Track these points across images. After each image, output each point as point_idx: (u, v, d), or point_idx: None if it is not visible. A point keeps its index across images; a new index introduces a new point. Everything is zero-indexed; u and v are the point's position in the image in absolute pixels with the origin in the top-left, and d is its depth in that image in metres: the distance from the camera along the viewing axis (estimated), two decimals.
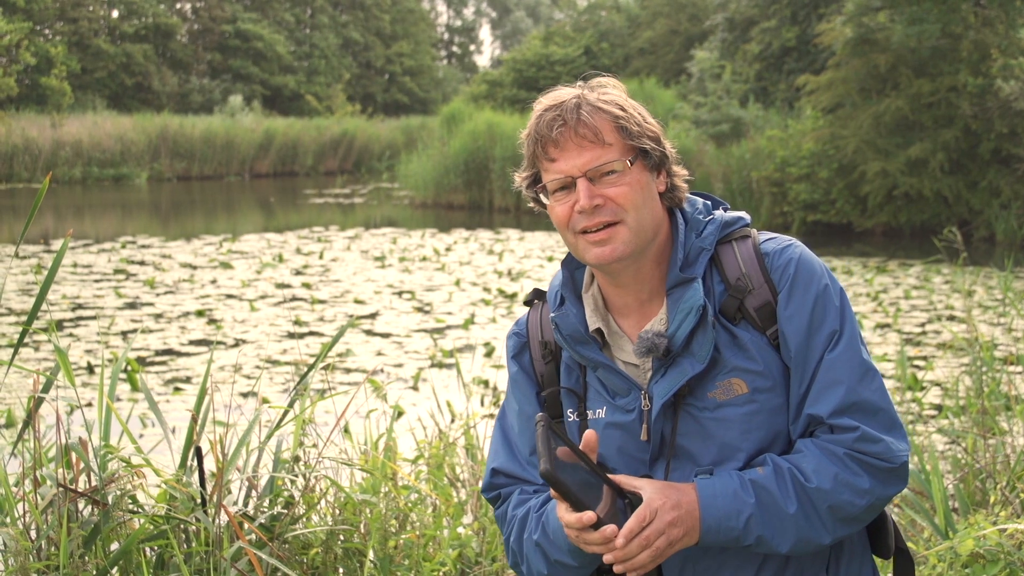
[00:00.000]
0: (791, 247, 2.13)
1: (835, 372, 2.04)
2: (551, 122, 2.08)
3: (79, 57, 50.13)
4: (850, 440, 2.01)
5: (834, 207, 21.31)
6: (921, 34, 19.88)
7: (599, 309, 2.20)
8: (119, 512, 3.48)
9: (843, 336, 2.06)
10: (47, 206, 28.11)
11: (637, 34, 44.47)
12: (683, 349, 2.08)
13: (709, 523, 1.98)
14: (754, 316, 2.09)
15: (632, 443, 2.11)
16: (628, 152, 2.09)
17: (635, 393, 2.12)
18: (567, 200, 2.10)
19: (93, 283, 15.07)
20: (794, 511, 1.99)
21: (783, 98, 28.50)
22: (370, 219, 25.97)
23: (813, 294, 2.07)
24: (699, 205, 2.21)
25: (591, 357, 2.14)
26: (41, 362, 9.93)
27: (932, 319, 12.33)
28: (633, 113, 2.11)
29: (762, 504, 1.99)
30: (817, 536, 2.02)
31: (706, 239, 2.14)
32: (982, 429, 5.24)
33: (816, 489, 2.00)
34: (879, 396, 2.05)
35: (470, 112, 31.09)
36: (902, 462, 2.04)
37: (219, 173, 41.50)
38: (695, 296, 2.07)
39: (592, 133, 2.07)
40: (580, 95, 2.11)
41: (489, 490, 2.30)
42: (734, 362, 2.07)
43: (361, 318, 12.53)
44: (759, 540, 2.00)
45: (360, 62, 65.79)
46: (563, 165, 2.09)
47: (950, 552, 3.33)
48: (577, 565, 2.10)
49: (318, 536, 3.74)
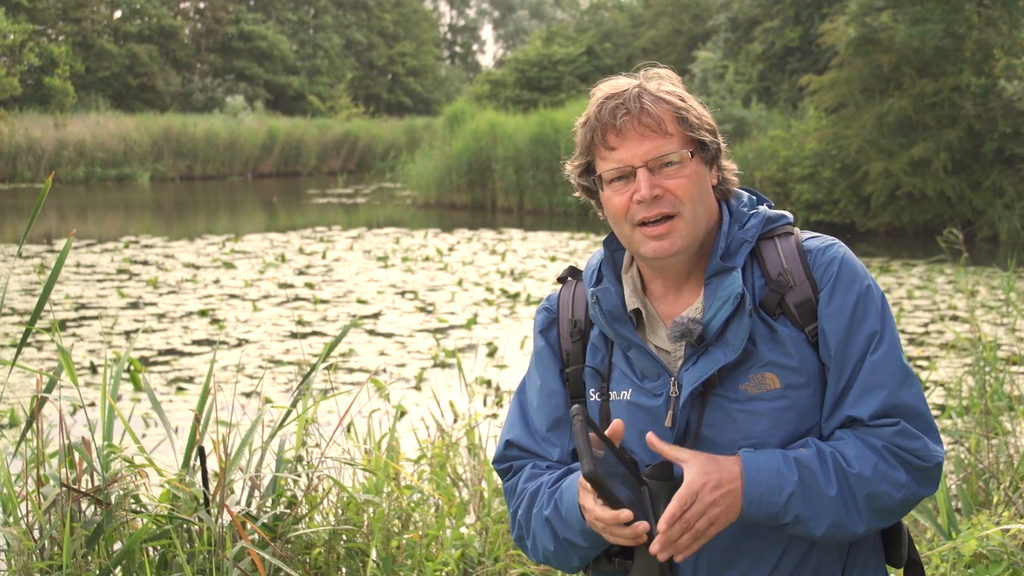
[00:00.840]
0: (835, 246, 2.13)
1: (877, 375, 2.03)
2: (614, 110, 2.06)
3: (83, 57, 50.19)
4: (890, 434, 2.02)
5: (837, 207, 21.30)
6: (924, 34, 19.87)
7: (637, 291, 2.18)
8: (122, 512, 3.48)
9: (884, 338, 2.06)
10: (50, 206, 28.13)
11: (640, 34, 44.45)
12: (717, 338, 2.06)
13: (751, 496, 1.97)
14: (794, 312, 2.08)
15: (656, 428, 2.08)
16: (688, 144, 2.08)
17: (664, 378, 2.10)
18: (625, 191, 2.08)
19: (96, 283, 15.08)
20: (834, 494, 1.98)
21: (786, 98, 28.47)
22: (373, 219, 25.97)
23: (855, 294, 2.07)
24: (744, 198, 2.21)
25: (627, 336, 2.12)
26: (44, 362, 9.93)
27: (935, 319, 12.32)
28: (693, 105, 2.11)
29: (804, 483, 1.98)
30: (852, 523, 2.01)
31: (749, 231, 2.14)
32: (985, 429, 5.24)
33: (857, 475, 1.99)
34: (918, 400, 2.06)
35: (472, 112, 31.10)
36: (937, 462, 2.04)
37: (222, 173, 41.54)
38: (734, 284, 2.06)
39: (655, 122, 2.05)
40: (640, 84, 2.10)
41: (501, 461, 2.29)
42: (769, 356, 2.06)
43: (364, 318, 12.53)
44: (797, 519, 1.98)
45: (363, 62, 65.80)
46: (623, 154, 2.07)
47: (953, 552, 3.33)
48: (587, 546, 2.09)
49: (321, 536, 3.74)
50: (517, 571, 4.04)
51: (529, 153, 26.50)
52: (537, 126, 26.80)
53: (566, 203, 25.43)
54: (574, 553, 2.12)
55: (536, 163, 26.41)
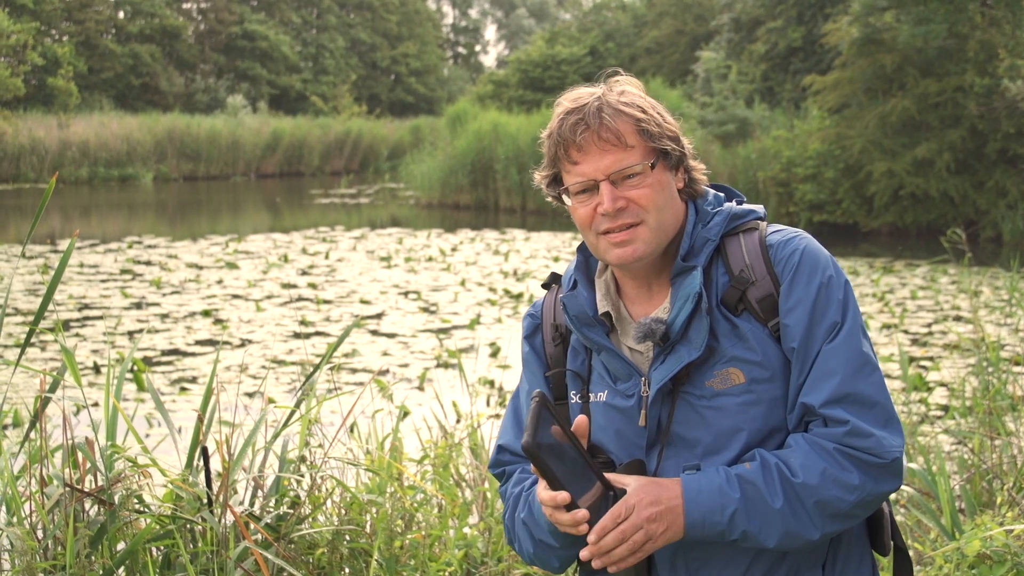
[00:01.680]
0: (796, 238, 2.13)
1: (831, 362, 2.03)
2: (574, 126, 2.09)
3: (86, 57, 50.22)
4: (840, 434, 2.00)
5: (840, 207, 21.29)
6: (928, 34, 19.85)
7: (610, 295, 2.22)
8: (125, 512, 3.48)
9: (843, 328, 2.05)
10: (54, 206, 28.16)
11: (643, 34, 44.48)
12: (681, 336, 2.09)
13: (693, 517, 1.99)
14: (756, 308, 2.09)
15: (630, 428, 2.13)
16: (649, 154, 2.11)
17: (635, 379, 2.13)
18: (589, 202, 2.12)
19: (99, 283, 15.10)
20: (780, 506, 1.99)
21: (789, 98, 28.47)
22: (376, 219, 25.98)
23: (816, 285, 2.07)
24: (711, 197, 2.23)
25: (595, 339, 2.16)
26: (48, 362, 9.95)
27: (938, 319, 12.31)
28: (653, 114, 2.12)
29: (747, 499, 1.99)
30: (805, 531, 2.01)
31: (711, 230, 2.16)
32: (988, 430, 5.23)
33: (803, 484, 1.99)
34: (875, 390, 2.03)
35: (475, 112, 31.10)
36: (894, 458, 2.02)
37: (225, 173, 41.57)
38: (692, 283, 2.09)
39: (614, 136, 2.08)
40: (601, 96, 2.12)
41: (495, 466, 2.34)
42: (732, 352, 2.07)
43: (367, 318, 12.54)
44: (744, 535, 2.00)
45: (366, 62, 65.82)
46: (585, 168, 2.10)
47: (957, 553, 3.32)
48: (558, 546, 2.13)
49: (324, 536, 3.74)
50: (520, 571, 4.04)
51: (531, 153, 26.51)
52: (539, 126, 26.62)
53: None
54: (551, 554, 2.17)
55: (538, 163, 26.33)
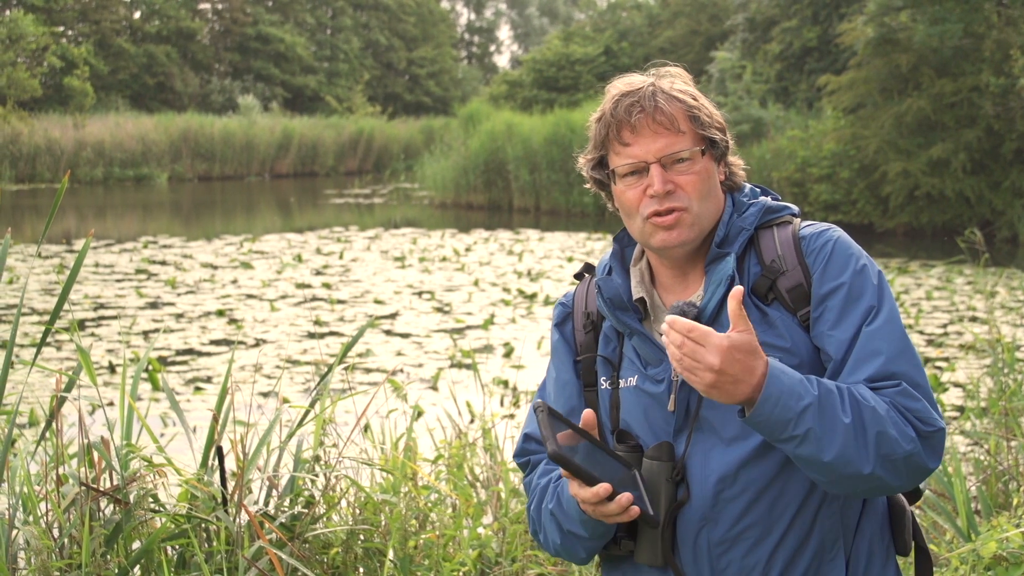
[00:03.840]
0: (829, 231, 2.17)
1: (874, 343, 2.04)
2: (629, 108, 2.12)
3: (102, 57, 50.40)
4: (892, 393, 2.01)
5: (855, 207, 21.23)
6: (943, 34, 19.79)
7: (645, 282, 2.24)
8: (140, 511, 3.50)
9: (881, 311, 2.07)
10: (69, 206, 28.27)
11: (657, 34, 44.39)
12: (712, 321, 2.11)
13: (770, 391, 1.94)
14: (786, 297, 2.12)
15: (659, 413, 2.15)
16: (699, 142, 2.15)
17: (666, 363, 2.14)
18: (638, 184, 2.14)
19: (115, 283, 15.15)
20: (848, 422, 1.96)
21: (804, 98, 28.40)
22: (390, 219, 26.01)
23: (850, 272, 2.09)
24: (747, 190, 2.27)
25: (628, 323, 2.18)
26: (63, 361, 9.98)
27: (954, 320, 12.26)
28: (704, 104, 2.18)
29: (822, 401, 1.96)
30: (859, 458, 1.96)
31: (747, 219, 2.19)
32: (1004, 431, 5.21)
33: (872, 409, 1.97)
34: (917, 372, 2.05)
35: (488, 112, 31.10)
36: (939, 428, 2.01)
37: (240, 173, 41.66)
38: (725, 267, 2.12)
39: (668, 120, 2.12)
40: (654, 83, 2.16)
41: (520, 455, 2.35)
42: (762, 339, 2.06)
43: (381, 318, 12.55)
44: (808, 433, 1.95)
45: (381, 63, 65.89)
46: (637, 150, 2.13)
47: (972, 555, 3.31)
48: (588, 536, 2.14)
49: (338, 536, 3.74)
50: (534, 571, 4.04)
51: (544, 154, 26.50)
52: (552, 126, 26.79)
53: (583, 203, 25.42)
54: (579, 544, 2.18)
55: (550, 163, 26.41)
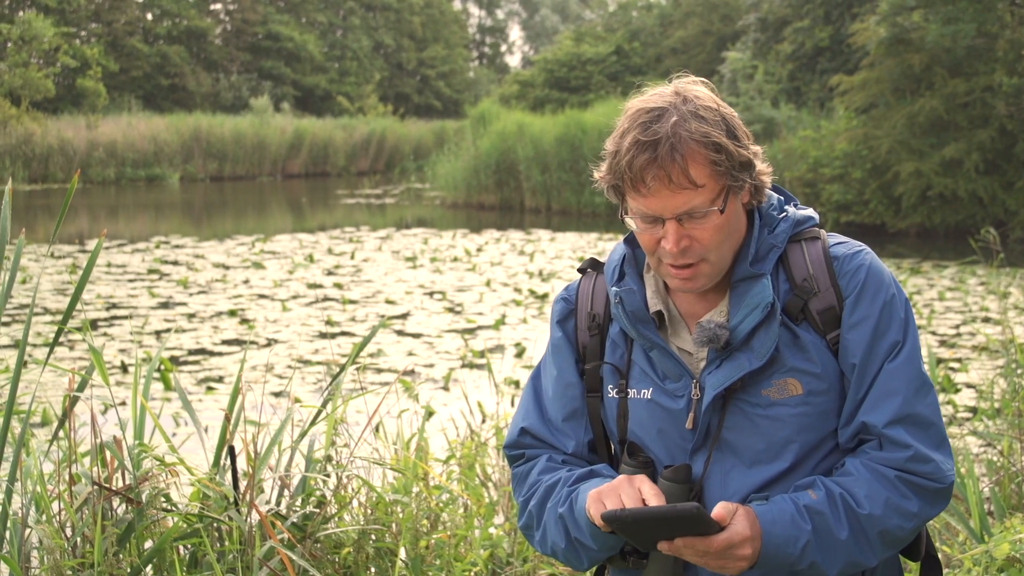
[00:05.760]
0: (862, 253, 2.11)
1: (893, 382, 2.03)
2: (645, 165, 1.97)
3: (115, 57, 50.56)
4: (902, 459, 2.01)
5: (867, 208, 21.17)
6: (956, 34, 19.72)
7: (660, 292, 2.17)
8: (153, 510, 3.50)
9: (904, 347, 2.05)
10: (81, 206, 28.36)
11: (669, 33, 44.34)
12: (743, 344, 2.06)
13: (768, 549, 1.97)
14: (816, 319, 2.07)
15: (676, 429, 2.10)
16: (719, 193, 2.01)
17: (687, 380, 2.10)
18: (653, 231, 2.03)
19: (127, 283, 15.19)
20: (846, 537, 1.99)
21: (816, 98, 28.33)
22: (401, 219, 26.03)
23: (880, 303, 2.06)
24: (774, 201, 2.16)
25: (650, 337, 2.12)
26: (76, 361, 10.01)
27: (967, 321, 12.22)
28: (729, 146, 2.00)
29: (818, 530, 1.99)
30: (865, 559, 2.02)
31: (778, 236, 2.11)
32: (1018, 432, 5.19)
33: (868, 516, 2.00)
34: (932, 411, 2.05)
35: (498, 112, 31.09)
36: (950, 482, 2.03)
37: (251, 174, 41.74)
38: (764, 292, 2.05)
39: (686, 180, 1.97)
40: (676, 125, 1.98)
41: (514, 447, 2.29)
42: (792, 362, 2.05)
43: (392, 318, 12.56)
44: (812, 565, 2.00)
45: (392, 64, 65.94)
46: (653, 204, 2.00)
47: (985, 556, 3.30)
48: (597, 548, 2.10)
49: (350, 536, 3.75)
50: (546, 572, 4.03)
51: (555, 154, 26.49)
52: (563, 127, 26.78)
53: (594, 204, 25.40)
54: (584, 554, 2.13)
55: (560, 164, 26.40)
